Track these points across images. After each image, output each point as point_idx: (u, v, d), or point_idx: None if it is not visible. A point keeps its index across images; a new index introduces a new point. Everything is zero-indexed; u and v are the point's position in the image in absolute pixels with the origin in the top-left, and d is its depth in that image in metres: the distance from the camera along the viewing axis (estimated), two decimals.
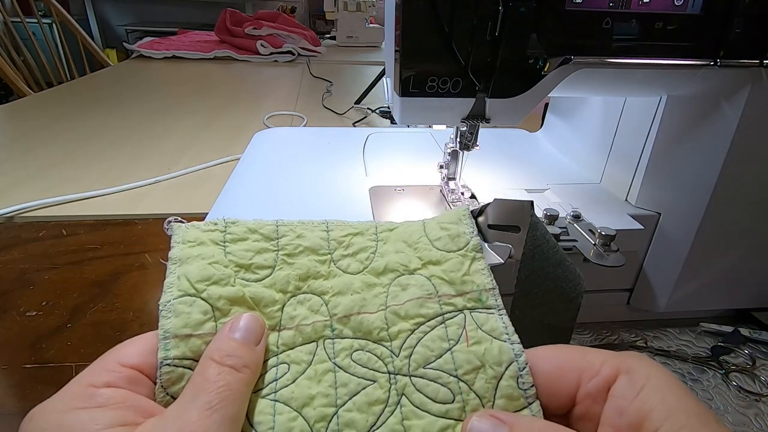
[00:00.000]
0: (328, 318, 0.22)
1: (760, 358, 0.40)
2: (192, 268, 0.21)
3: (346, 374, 0.20)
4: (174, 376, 0.19)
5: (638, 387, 0.17)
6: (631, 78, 0.35)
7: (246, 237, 0.24)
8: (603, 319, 0.44)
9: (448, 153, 0.42)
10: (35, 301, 0.42)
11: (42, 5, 1.63)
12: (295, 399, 0.19)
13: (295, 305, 0.22)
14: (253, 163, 0.50)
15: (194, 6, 3.22)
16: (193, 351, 0.19)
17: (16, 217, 0.56)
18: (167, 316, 0.20)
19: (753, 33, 0.32)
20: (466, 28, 0.30)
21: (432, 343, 0.21)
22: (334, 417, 0.19)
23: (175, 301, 0.20)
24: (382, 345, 0.21)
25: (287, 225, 0.25)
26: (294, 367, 0.20)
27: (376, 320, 0.22)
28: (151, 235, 0.53)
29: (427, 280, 0.23)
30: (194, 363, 0.19)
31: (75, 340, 0.38)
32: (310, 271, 0.23)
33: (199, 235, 0.23)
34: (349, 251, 0.25)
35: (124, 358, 0.19)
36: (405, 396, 0.20)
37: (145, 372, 0.19)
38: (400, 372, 0.20)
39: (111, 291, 0.44)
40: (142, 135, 0.84)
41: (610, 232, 0.34)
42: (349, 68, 1.53)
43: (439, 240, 0.25)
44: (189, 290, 0.20)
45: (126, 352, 0.19)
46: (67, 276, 0.46)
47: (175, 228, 0.23)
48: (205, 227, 0.23)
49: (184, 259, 0.22)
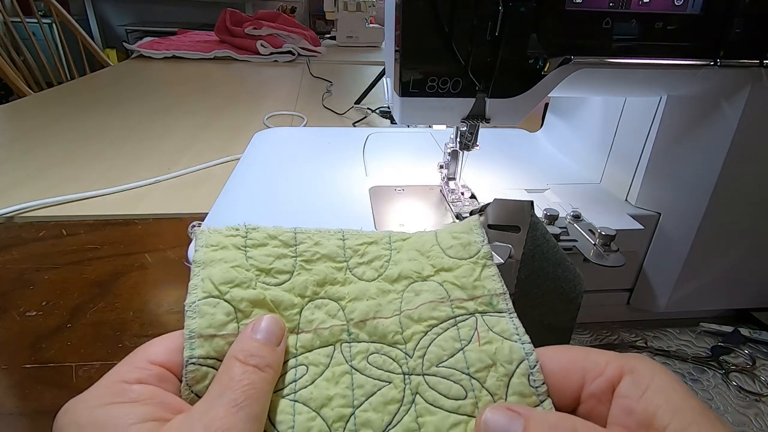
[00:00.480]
0: (345, 322, 0.23)
1: (760, 358, 0.40)
2: (215, 271, 0.22)
3: (363, 376, 0.21)
4: (198, 375, 0.19)
5: (643, 387, 0.17)
6: (631, 78, 0.35)
7: (266, 243, 0.24)
8: (603, 319, 0.44)
9: (448, 153, 0.42)
10: (35, 301, 0.42)
11: (42, 5, 1.63)
12: (313, 399, 0.20)
13: (313, 309, 0.23)
14: (253, 163, 0.50)
15: (194, 6, 3.22)
16: (216, 351, 0.20)
17: (16, 217, 0.56)
18: (192, 317, 0.20)
19: (753, 33, 0.32)
20: (466, 28, 0.30)
21: (444, 343, 0.22)
22: (351, 417, 0.20)
23: (200, 302, 0.21)
24: (397, 347, 0.22)
25: (305, 232, 0.26)
26: (312, 369, 0.21)
27: (390, 324, 0.23)
28: (151, 235, 0.53)
29: (440, 285, 0.24)
30: (218, 362, 0.20)
31: (75, 340, 0.38)
32: (327, 278, 0.24)
33: (221, 240, 0.24)
34: (364, 259, 0.25)
35: (152, 356, 0.19)
36: (419, 394, 0.20)
37: (171, 370, 0.19)
38: (414, 372, 0.21)
39: (111, 291, 0.44)
40: (142, 135, 0.84)
41: (610, 232, 0.34)
42: (349, 68, 1.53)
43: (451, 248, 0.26)
44: (213, 292, 0.21)
45: (154, 350, 0.20)
46: (67, 276, 0.46)
47: (198, 232, 0.24)
48: (227, 232, 0.24)
49: (208, 263, 0.22)
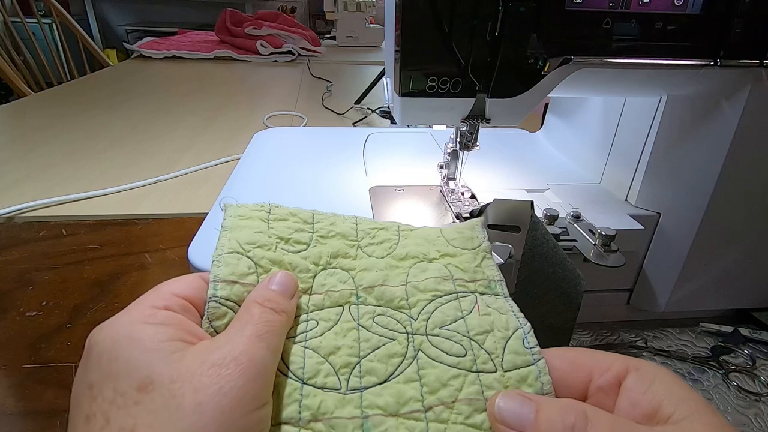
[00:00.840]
0: (354, 288, 0.25)
1: (760, 358, 0.40)
2: (241, 234, 0.25)
3: (369, 332, 0.23)
4: (219, 313, 0.22)
5: (648, 382, 0.19)
6: (631, 78, 0.35)
7: (287, 218, 0.27)
8: (603, 319, 0.44)
9: (448, 153, 0.42)
10: (35, 301, 0.42)
11: (42, 5, 1.63)
12: (323, 348, 0.22)
13: (326, 276, 0.25)
14: (253, 163, 0.50)
15: (194, 6, 3.22)
16: (236, 295, 0.22)
17: (16, 217, 0.56)
18: (218, 265, 0.23)
19: (753, 33, 0.32)
20: (466, 28, 0.30)
21: (447, 310, 0.24)
22: (356, 365, 0.21)
23: (225, 255, 0.23)
24: (402, 311, 0.24)
25: (321, 214, 0.28)
26: (322, 324, 0.23)
27: (397, 291, 0.25)
28: (151, 235, 0.53)
29: (444, 267, 0.26)
30: (236, 306, 0.22)
31: (75, 340, 0.38)
32: (340, 251, 0.26)
33: (248, 212, 0.26)
34: (375, 240, 0.28)
35: (176, 290, 0.22)
36: (422, 351, 0.22)
37: (193, 303, 0.22)
38: (417, 332, 0.23)
39: (111, 291, 0.44)
40: (142, 135, 0.84)
41: (610, 232, 0.34)
42: (349, 68, 1.53)
43: (455, 239, 0.28)
44: (237, 249, 0.24)
45: (177, 285, 0.22)
46: (67, 276, 0.46)
47: (227, 205, 0.27)
48: (253, 207, 0.27)
49: (234, 228, 0.25)
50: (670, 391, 0.18)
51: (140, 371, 0.17)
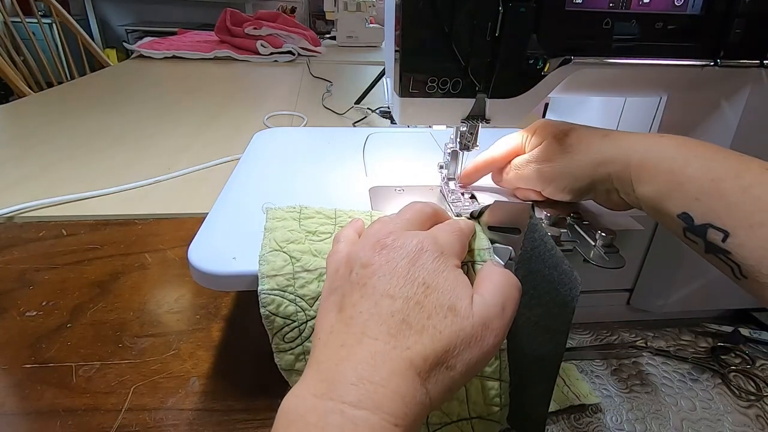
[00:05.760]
0: None
1: (760, 358, 0.40)
2: (278, 234, 0.31)
3: None
4: (267, 300, 0.28)
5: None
6: (631, 78, 0.35)
7: (314, 216, 0.33)
8: (603, 319, 0.44)
9: (448, 153, 0.42)
10: (35, 301, 0.42)
11: (42, 5, 1.63)
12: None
13: None
14: (253, 163, 0.49)
15: (194, 6, 3.22)
16: (278, 285, 0.28)
17: (16, 217, 0.56)
18: (263, 264, 0.29)
19: (753, 33, 0.32)
20: (466, 28, 0.30)
21: None
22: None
23: (267, 254, 0.29)
24: None
25: (342, 211, 0.34)
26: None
27: None
28: (151, 235, 0.53)
29: None
30: (281, 292, 0.28)
31: (75, 340, 0.38)
32: None
33: (282, 214, 0.33)
34: None
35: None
36: None
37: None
38: None
39: (111, 291, 0.44)
40: (142, 135, 0.84)
41: (610, 232, 0.34)
42: (349, 68, 1.53)
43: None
44: (275, 247, 0.30)
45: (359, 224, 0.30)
46: (67, 276, 0.46)
47: (267, 210, 0.33)
48: (287, 209, 0.33)
49: (273, 229, 0.31)
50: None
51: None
